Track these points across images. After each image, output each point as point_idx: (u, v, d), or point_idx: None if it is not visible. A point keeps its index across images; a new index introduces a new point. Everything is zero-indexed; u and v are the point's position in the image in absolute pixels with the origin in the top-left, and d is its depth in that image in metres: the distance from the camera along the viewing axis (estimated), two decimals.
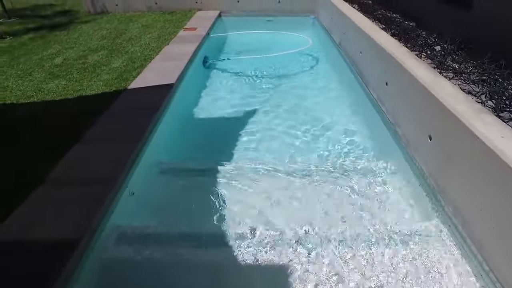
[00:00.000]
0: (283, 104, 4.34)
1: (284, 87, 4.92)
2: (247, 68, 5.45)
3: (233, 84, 5.02)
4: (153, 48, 5.24)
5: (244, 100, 4.48)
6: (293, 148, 3.46)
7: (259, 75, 5.26)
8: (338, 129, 3.76)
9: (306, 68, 5.63)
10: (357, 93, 4.35)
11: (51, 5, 9.26)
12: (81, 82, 4.16)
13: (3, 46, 5.80)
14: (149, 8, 7.97)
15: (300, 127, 3.79)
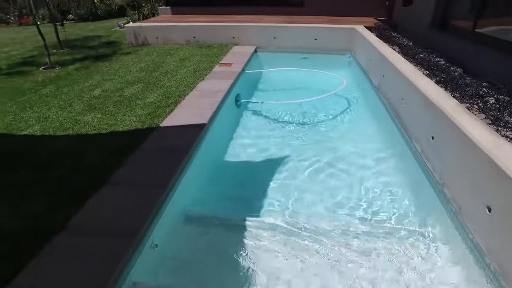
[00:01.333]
0: (317, 153, 4.13)
1: (318, 133, 4.72)
2: (280, 110, 5.32)
3: (265, 127, 4.89)
4: (188, 83, 5.28)
5: (275, 147, 4.33)
6: (326, 205, 3.22)
7: (292, 120, 5.10)
8: (376, 184, 3.48)
9: (341, 112, 5.39)
10: (397, 144, 4.07)
11: (99, 37, 9.81)
12: (116, 116, 4.19)
13: (52, 76, 6.08)
14: (187, 41, 8.20)
15: (333, 181, 3.56)
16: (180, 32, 8.18)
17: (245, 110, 5.37)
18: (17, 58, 7.66)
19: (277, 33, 7.99)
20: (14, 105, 4.80)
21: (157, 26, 8.31)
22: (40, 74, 6.28)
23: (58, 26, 8.34)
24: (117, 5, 17.03)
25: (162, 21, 8.89)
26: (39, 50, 8.46)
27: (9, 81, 5.94)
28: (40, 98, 5.02)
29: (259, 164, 4.08)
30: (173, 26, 8.24)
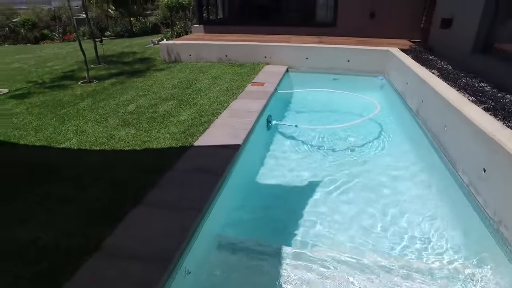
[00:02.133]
0: (351, 180, 3.95)
1: (353, 160, 4.52)
2: (312, 134, 5.18)
3: (297, 150, 4.75)
4: (221, 102, 5.27)
5: (307, 171, 4.18)
6: (363, 237, 3.03)
7: (324, 144, 4.94)
8: (419, 219, 3.26)
9: (376, 138, 5.16)
10: (441, 175, 3.82)
11: (133, 53, 10.14)
12: (149, 133, 4.21)
13: (89, 90, 6.27)
14: (219, 59, 8.30)
15: (370, 213, 3.37)
16: (212, 50, 8.30)
17: (276, 132, 5.27)
18: (59, 73, 7.99)
19: (309, 53, 7.95)
20: (54, 117, 4.94)
21: (190, 44, 8.48)
22: (78, 88, 6.49)
23: (97, 42, 8.67)
24: (151, 23, 17.72)
25: (195, 39, 9.07)
26: (79, 65, 8.81)
27: (51, 94, 6.16)
28: (78, 112, 5.15)
29: (292, 188, 3.94)
30: (205, 44, 8.38)
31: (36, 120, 4.88)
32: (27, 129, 4.58)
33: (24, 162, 3.64)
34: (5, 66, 8.95)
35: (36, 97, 6.06)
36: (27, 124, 4.74)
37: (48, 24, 17.19)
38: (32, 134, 4.41)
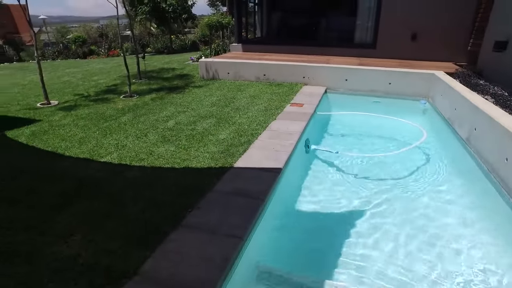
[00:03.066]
0: (395, 214, 3.68)
1: (395, 191, 4.21)
2: (354, 161, 4.91)
3: (337, 178, 4.49)
4: (260, 122, 5.19)
5: (349, 201, 3.92)
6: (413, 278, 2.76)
7: (367, 173, 4.64)
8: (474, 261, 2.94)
9: (422, 168, 4.79)
10: (501, 213, 3.48)
11: (173, 69, 10.42)
12: (189, 151, 4.18)
13: (130, 104, 6.44)
14: (257, 78, 8.31)
15: (420, 254, 3.08)
16: (250, 68, 8.34)
17: (315, 156, 5.07)
18: (103, 86, 8.32)
19: (349, 75, 7.78)
20: (97, 130, 5.06)
21: (228, 62, 8.58)
22: (120, 102, 6.68)
23: (139, 58, 8.98)
24: (190, 40, 18.29)
25: (234, 57, 9.18)
26: (121, 79, 9.16)
27: (95, 107, 6.38)
28: (119, 126, 5.26)
29: (331, 216, 3.73)
30: (244, 63, 8.44)
31: (80, 132, 5.02)
32: (72, 141, 4.71)
33: (68, 175, 3.69)
34: (57, 80, 9.46)
35: (82, 109, 6.29)
36: (72, 136, 4.89)
37: (96, 41, 18.23)
38: (77, 146, 4.52)
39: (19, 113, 6.22)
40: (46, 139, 4.81)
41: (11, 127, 5.38)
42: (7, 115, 6.18)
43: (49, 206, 3.09)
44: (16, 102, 7.08)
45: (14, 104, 6.97)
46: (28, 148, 4.56)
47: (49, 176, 3.71)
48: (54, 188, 3.42)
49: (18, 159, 4.19)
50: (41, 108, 6.56)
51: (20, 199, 3.25)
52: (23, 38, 24.05)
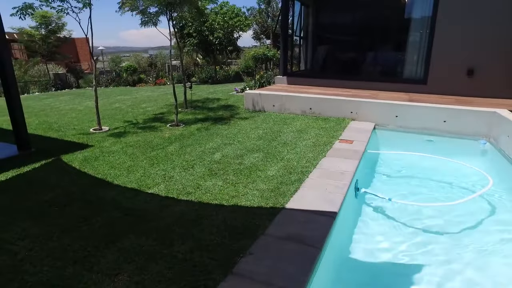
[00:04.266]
0: (457, 273, 3.24)
1: (457, 247, 3.73)
2: (409, 209, 4.41)
3: (390, 226, 4.07)
4: (309, 159, 4.98)
5: (405, 254, 3.52)
6: None
7: (425, 223, 4.16)
8: None
9: (488, 222, 4.23)
10: None
11: (218, 99, 10.60)
12: (237, 187, 4.03)
13: (177, 133, 6.51)
14: (303, 112, 8.17)
15: None
16: (296, 102, 8.24)
17: (365, 200, 4.68)
18: (150, 114, 8.57)
19: (399, 111, 7.42)
20: (145, 159, 5.09)
21: (274, 95, 8.55)
22: (167, 131, 6.78)
23: (187, 88, 9.22)
24: (234, 71, 18.77)
25: (279, 90, 9.16)
26: (168, 107, 9.41)
27: (143, 135, 6.51)
28: (166, 155, 5.26)
29: (389, 270, 3.36)
30: (289, 96, 8.36)
31: (129, 161, 5.07)
32: (121, 168, 4.75)
33: (117, 205, 3.66)
34: (108, 106, 9.92)
35: (130, 136, 6.44)
36: (121, 164, 4.94)
37: (145, 69, 19.25)
38: (125, 174, 4.54)
39: (74, 138, 6.49)
40: (96, 166, 4.90)
41: (66, 151, 5.58)
42: (64, 139, 6.46)
43: (98, 238, 3.03)
44: (72, 127, 7.43)
45: (70, 128, 7.32)
46: (81, 174, 4.65)
47: (98, 205, 3.69)
48: (103, 219, 3.38)
49: (72, 185, 4.25)
50: (93, 133, 6.81)
51: (71, 228, 3.22)
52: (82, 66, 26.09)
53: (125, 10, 7.34)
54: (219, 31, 15.05)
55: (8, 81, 5.48)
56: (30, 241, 3.02)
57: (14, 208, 3.70)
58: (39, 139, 6.39)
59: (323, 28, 11.96)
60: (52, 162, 5.16)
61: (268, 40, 22.19)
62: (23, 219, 3.42)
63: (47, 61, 18.88)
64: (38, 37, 18.46)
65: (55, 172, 4.77)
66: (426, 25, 9.22)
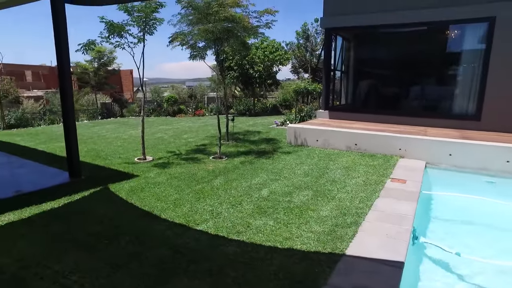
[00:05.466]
0: None
1: None
2: (480, 267, 3.78)
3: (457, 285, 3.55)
4: (362, 199, 4.68)
5: None
6: None
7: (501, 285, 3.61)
8: None
9: None
10: None
11: (258, 132, 10.58)
12: (289, 228, 3.80)
13: (220, 166, 6.45)
14: (348, 147, 7.90)
15: None
16: (341, 137, 8.01)
17: (424, 250, 4.18)
18: (192, 145, 8.65)
19: (453, 149, 6.97)
20: (191, 193, 5.02)
21: (318, 129, 8.38)
22: (210, 163, 6.74)
23: (229, 120, 9.28)
24: (271, 104, 18.92)
25: (321, 124, 8.99)
26: (209, 139, 9.48)
27: (187, 166, 6.51)
28: (212, 190, 5.17)
29: None
30: (334, 131, 8.16)
31: (175, 193, 5.02)
32: (167, 201, 4.69)
33: (165, 241, 3.55)
34: (151, 136, 10.17)
35: (174, 168, 6.45)
36: (167, 197, 4.89)
37: (184, 100, 19.88)
38: (172, 208, 4.47)
39: (120, 167, 6.61)
40: (143, 197, 4.88)
41: (113, 180, 5.65)
42: (111, 167, 6.60)
43: (149, 278, 2.89)
44: (118, 155, 7.62)
45: (116, 157, 7.50)
46: (128, 205, 4.64)
47: (147, 240, 3.60)
48: (152, 255, 3.26)
49: (119, 217, 4.22)
50: (138, 163, 6.91)
51: (121, 264, 3.12)
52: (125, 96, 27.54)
53: (175, 45, 7.64)
54: (259, 65, 15.36)
55: (68, 113, 5.75)
56: (81, 276, 2.94)
57: (66, 237, 3.69)
58: (88, 167, 6.57)
59: (365, 62, 11.84)
60: (100, 191, 5.22)
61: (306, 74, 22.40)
62: (74, 251, 3.39)
63: (96, 91, 20.06)
64: (91, 69, 19.80)
65: (103, 201, 4.80)
66: (479, 57, 8.82)
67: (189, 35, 7.53)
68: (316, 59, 21.34)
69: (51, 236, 3.71)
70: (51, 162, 7.01)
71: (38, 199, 4.75)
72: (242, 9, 7.37)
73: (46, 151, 8.21)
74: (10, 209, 4.38)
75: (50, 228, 3.89)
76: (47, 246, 3.48)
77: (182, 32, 7.53)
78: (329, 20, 10.33)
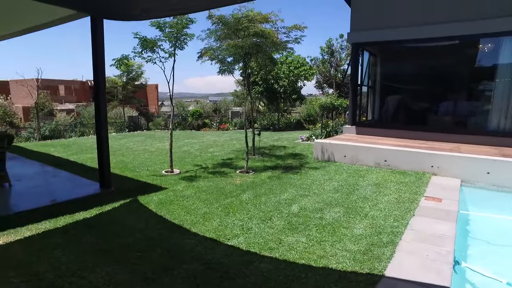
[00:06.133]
0: None
1: None
2: None
3: None
4: (396, 217, 4.50)
5: None
6: None
7: None
8: None
9: None
10: None
11: (284, 147, 10.51)
12: (323, 245, 3.68)
13: (248, 181, 6.41)
14: (377, 164, 7.69)
15: None
16: (370, 153, 7.82)
17: (465, 275, 3.91)
18: (219, 159, 8.68)
19: (492, 167, 6.64)
20: (220, 207, 4.99)
21: (346, 145, 8.23)
22: (237, 178, 6.71)
23: (255, 134, 9.28)
24: (295, 119, 18.87)
25: (349, 140, 8.83)
26: (234, 153, 9.49)
27: (214, 180, 6.51)
28: (240, 204, 5.12)
29: None
30: (362, 147, 7.98)
31: (203, 207, 5.00)
32: (197, 215, 4.67)
33: (197, 256, 3.50)
34: (177, 149, 10.30)
35: (202, 181, 6.46)
36: (196, 210, 4.88)
37: (209, 114, 20.16)
38: (201, 222, 4.44)
39: (148, 179, 6.69)
40: (172, 210, 4.89)
41: (142, 192, 5.71)
42: (139, 179, 6.69)
43: None
44: (146, 167, 7.73)
45: (144, 169, 7.61)
46: (157, 218, 4.65)
47: (178, 253, 3.57)
48: (184, 270, 3.22)
49: (150, 229, 4.23)
50: (166, 175, 6.97)
51: (153, 277, 3.10)
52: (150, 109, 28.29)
53: (205, 60, 7.78)
54: (284, 80, 15.40)
55: (101, 126, 5.90)
56: None
57: (98, 248, 3.72)
58: (117, 178, 6.68)
59: (393, 77, 11.65)
60: (130, 202, 5.28)
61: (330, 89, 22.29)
62: (107, 262, 3.39)
63: (124, 105, 20.68)
64: (120, 84, 20.50)
65: (133, 213, 4.83)
66: None
67: (217, 50, 7.67)
68: (340, 74, 21.23)
69: (85, 246, 3.75)
70: (83, 172, 7.19)
71: (71, 208, 4.85)
72: (271, 24, 7.44)
73: (78, 162, 8.45)
74: (46, 218, 4.49)
75: (84, 239, 3.94)
76: (81, 256, 3.51)
77: (211, 47, 7.67)
78: (356, 35, 10.27)
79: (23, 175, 6.85)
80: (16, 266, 3.29)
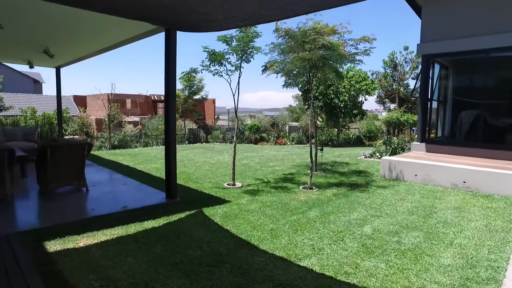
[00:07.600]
0: None
1: None
2: None
3: None
4: (492, 248, 3.94)
5: None
6: None
7: None
8: None
9: None
10: None
11: (346, 163, 10.08)
12: (406, 274, 3.31)
13: (313, 198, 6.16)
14: (453, 185, 6.98)
15: None
16: (445, 173, 7.14)
17: None
18: (280, 174, 8.52)
19: None
20: (287, 224, 4.80)
21: (416, 163, 7.62)
22: (301, 194, 6.48)
23: (318, 150, 9.00)
24: (355, 135, 18.18)
25: (419, 158, 8.17)
26: (295, 168, 9.28)
27: (277, 195, 6.35)
28: (308, 222, 4.88)
29: None
30: (436, 166, 7.32)
31: (270, 223, 4.85)
32: (264, 231, 4.53)
33: (268, 276, 3.33)
34: (237, 162, 10.33)
35: (265, 195, 6.33)
36: (262, 226, 4.73)
37: (266, 128, 20.24)
38: (269, 238, 4.28)
39: (211, 191, 6.73)
40: (238, 224, 4.79)
41: (206, 204, 5.72)
42: (202, 191, 6.75)
43: None
44: (208, 179, 7.82)
45: (206, 180, 7.70)
46: (224, 232, 4.58)
47: (249, 271, 3.42)
48: None
49: (218, 243, 4.16)
50: (228, 188, 6.97)
51: None
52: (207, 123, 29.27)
53: (270, 73, 7.78)
54: (345, 95, 14.96)
55: (170, 137, 6.09)
56: None
57: (168, 260, 3.70)
58: (181, 188, 6.81)
59: (468, 90, 10.70)
60: (195, 214, 5.30)
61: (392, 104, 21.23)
62: (178, 275, 3.35)
63: (185, 118, 21.61)
64: (183, 97, 21.53)
65: (199, 225, 4.82)
66: None
67: (281, 63, 7.62)
68: (404, 88, 20.15)
69: (155, 256, 3.76)
70: (149, 181, 7.47)
71: (140, 216, 4.99)
72: (338, 36, 7.23)
73: (144, 171, 8.83)
74: (119, 224, 4.65)
75: (154, 248, 3.97)
76: (152, 266, 3.52)
77: (275, 61, 7.65)
78: (427, 46, 9.63)
79: (98, 181, 7.31)
80: (95, 269, 3.39)
